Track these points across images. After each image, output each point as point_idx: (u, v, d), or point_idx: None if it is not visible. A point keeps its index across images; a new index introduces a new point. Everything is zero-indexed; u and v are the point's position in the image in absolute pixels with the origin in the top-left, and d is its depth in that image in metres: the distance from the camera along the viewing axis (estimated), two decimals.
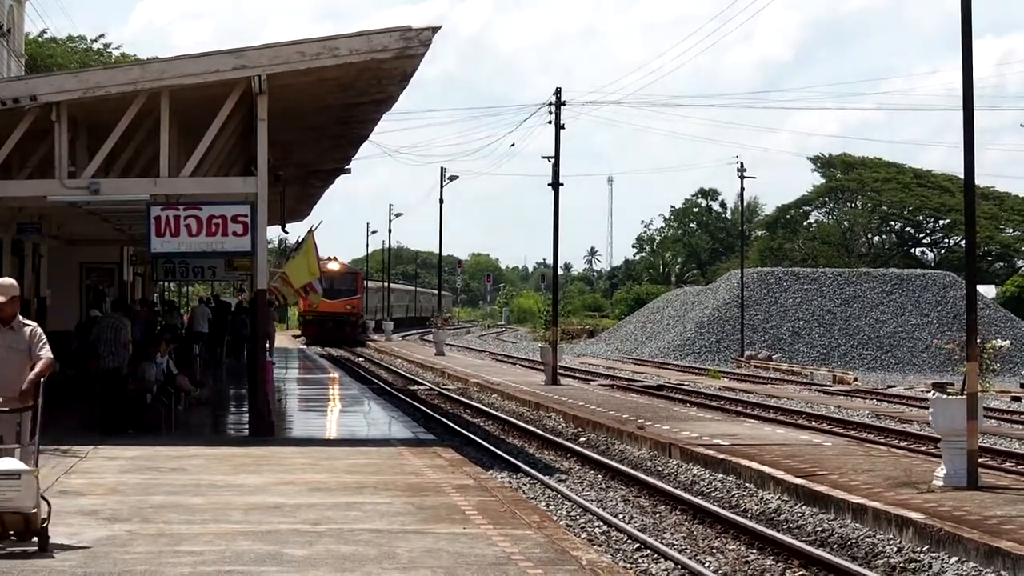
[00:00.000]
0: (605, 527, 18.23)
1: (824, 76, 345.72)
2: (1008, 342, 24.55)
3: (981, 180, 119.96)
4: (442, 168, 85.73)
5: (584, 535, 17.37)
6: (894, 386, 56.88)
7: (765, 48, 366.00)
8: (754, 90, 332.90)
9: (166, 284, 63.20)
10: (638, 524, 18.58)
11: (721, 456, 23.42)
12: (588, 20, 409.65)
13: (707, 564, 15.76)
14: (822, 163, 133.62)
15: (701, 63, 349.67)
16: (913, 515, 16.61)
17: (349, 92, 26.38)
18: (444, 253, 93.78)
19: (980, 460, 19.92)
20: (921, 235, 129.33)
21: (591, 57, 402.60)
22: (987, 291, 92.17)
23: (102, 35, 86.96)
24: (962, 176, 20.06)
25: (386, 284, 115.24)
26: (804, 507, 19.25)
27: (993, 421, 34.96)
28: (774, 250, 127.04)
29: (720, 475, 22.76)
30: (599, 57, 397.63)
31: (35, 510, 11.91)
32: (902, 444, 28.78)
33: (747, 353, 76.50)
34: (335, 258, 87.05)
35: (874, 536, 16.90)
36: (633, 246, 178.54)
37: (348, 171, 40.80)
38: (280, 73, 23.20)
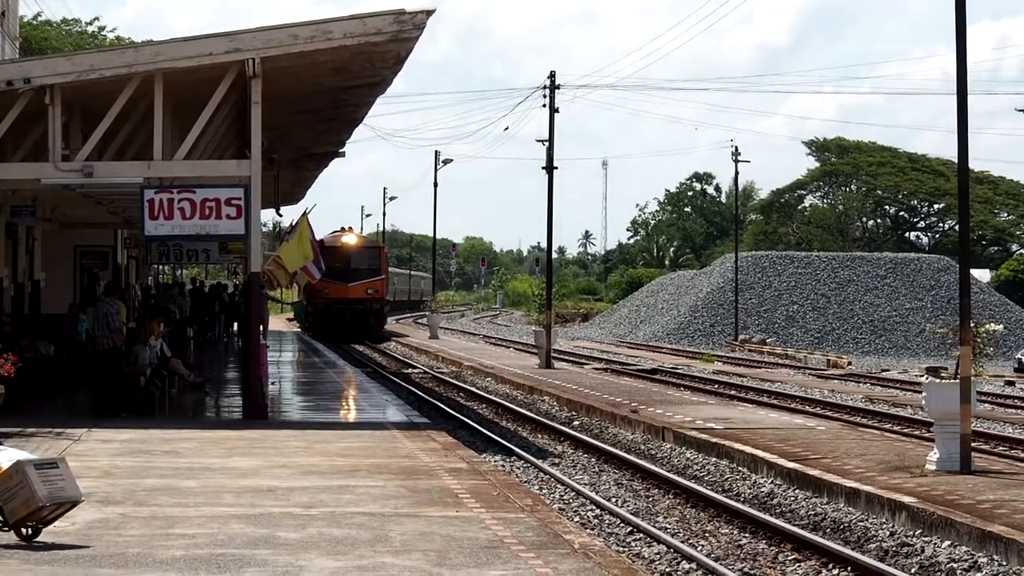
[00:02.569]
0: (598, 511, 18.25)
1: (821, 60, 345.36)
2: (1001, 326, 24.60)
3: (976, 164, 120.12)
4: (436, 151, 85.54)
5: (577, 519, 17.40)
6: (888, 370, 56.98)
7: (763, 32, 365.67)
8: (752, 74, 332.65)
9: (160, 267, 63.05)
10: (631, 508, 18.60)
11: (714, 440, 23.44)
12: (586, 2, 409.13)
13: (700, 548, 15.77)
14: (817, 147, 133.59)
15: (699, 47, 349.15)
16: (906, 499, 16.64)
17: (343, 75, 26.36)
18: (438, 236, 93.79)
19: (973, 444, 19.97)
20: (916, 219, 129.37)
21: (589, 40, 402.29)
22: (981, 275, 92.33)
23: (96, 18, 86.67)
24: (956, 160, 20.08)
25: None
26: (797, 491, 19.28)
27: (986, 405, 35.02)
28: (768, 234, 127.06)
29: (713, 459, 22.78)
30: (597, 40, 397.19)
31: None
32: (896, 428, 28.82)
33: (741, 337, 76.59)
34: (350, 228, 69.87)
35: (867, 520, 16.92)
36: (628, 230, 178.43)
37: (342, 154, 40.83)
38: (274, 56, 23.19)
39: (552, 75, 49.40)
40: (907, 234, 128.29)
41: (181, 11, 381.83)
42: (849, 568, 14.60)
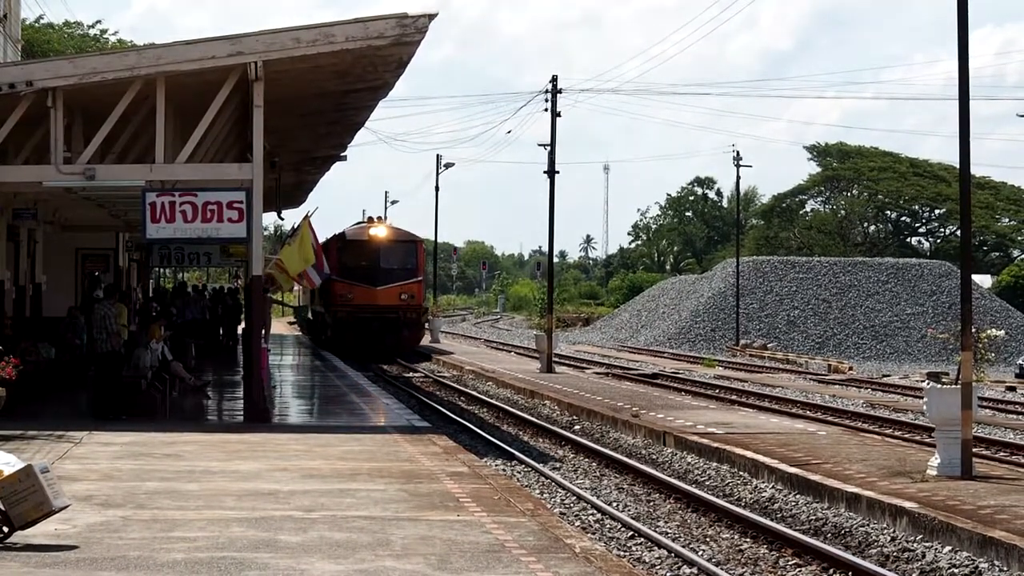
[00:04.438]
0: (599, 515, 18.26)
1: (825, 65, 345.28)
2: (1003, 332, 24.67)
3: (978, 170, 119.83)
4: (438, 155, 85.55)
5: (578, 523, 17.41)
6: (889, 375, 56.95)
7: (767, 36, 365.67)
8: (755, 78, 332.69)
9: (162, 270, 63.00)
10: (632, 512, 18.61)
11: (715, 445, 23.44)
12: (591, 7, 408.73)
13: (701, 552, 15.78)
14: (818, 152, 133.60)
15: (703, 51, 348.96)
16: (907, 504, 16.64)
17: (345, 79, 26.35)
18: (440, 240, 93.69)
19: (974, 450, 19.96)
20: (917, 224, 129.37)
21: (593, 44, 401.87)
22: (982, 281, 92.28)
23: (99, 21, 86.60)
24: (958, 166, 20.08)
25: None
26: (798, 496, 19.29)
27: (987, 411, 35.00)
28: (770, 239, 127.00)
29: (714, 464, 22.79)
30: (601, 44, 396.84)
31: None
32: (897, 433, 28.81)
33: (742, 342, 76.55)
34: (380, 218, 58.43)
35: (868, 525, 16.92)
36: (629, 234, 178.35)
37: (344, 158, 40.81)
38: (276, 60, 23.19)
39: (554, 79, 49.45)
40: (908, 239, 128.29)
41: (185, 14, 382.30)
42: (850, 573, 14.60)
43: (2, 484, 11.48)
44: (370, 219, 57.36)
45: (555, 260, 58.72)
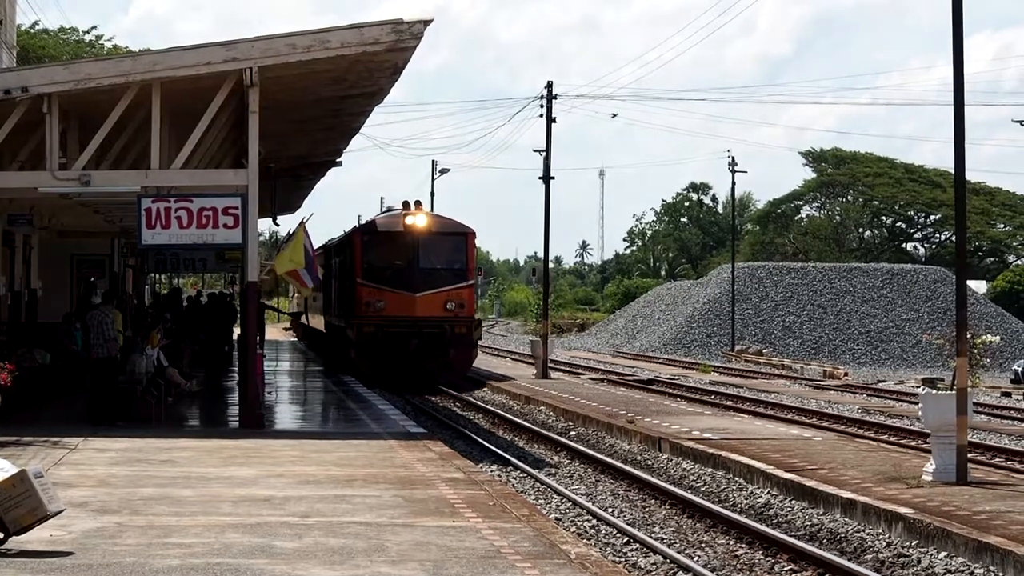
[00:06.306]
0: (595, 521, 18.25)
1: (821, 71, 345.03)
2: (998, 337, 24.71)
3: (973, 175, 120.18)
4: (433, 161, 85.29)
5: (574, 529, 17.39)
6: (884, 381, 56.99)
7: (763, 42, 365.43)
8: (752, 84, 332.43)
9: (157, 276, 62.88)
10: (627, 518, 18.60)
11: (711, 450, 23.44)
12: (588, 12, 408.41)
13: (696, 558, 15.77)
14: (814, 157, 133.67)
15: (699, 56, 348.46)
16: (902, 510, 16.64)
17: (340, 85, 26.37)
18: None
19: (969, 455, 19.97)
20: (912, 230, 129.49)
21: (590, 49, 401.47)
22: (978, 286, 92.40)
23: (94, 27, 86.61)
24: (953, 171, 20.10)
25: None
26: (793, 501, 19.29)
27: (983, 416, 35.02)
28: (765, 244, 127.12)
29: (710, 469, 22.79)
30: (598, 49, 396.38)
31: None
32: (892, 439, 28.82)
33: (738, 347, 76.58)
34: (418, 204, 42.10)
35: (863, 531, 16.93)
36: (624, 240, 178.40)
37: (339, 164, 40.76)
38: (271, 65, 23.21)
39: (549, 85, 49.46)
40: (903, 245, 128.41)
41: (181, 20, 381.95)
42: None
43: None
44: (405, 204, 42.24)
45: (550, 265, 58.68)
